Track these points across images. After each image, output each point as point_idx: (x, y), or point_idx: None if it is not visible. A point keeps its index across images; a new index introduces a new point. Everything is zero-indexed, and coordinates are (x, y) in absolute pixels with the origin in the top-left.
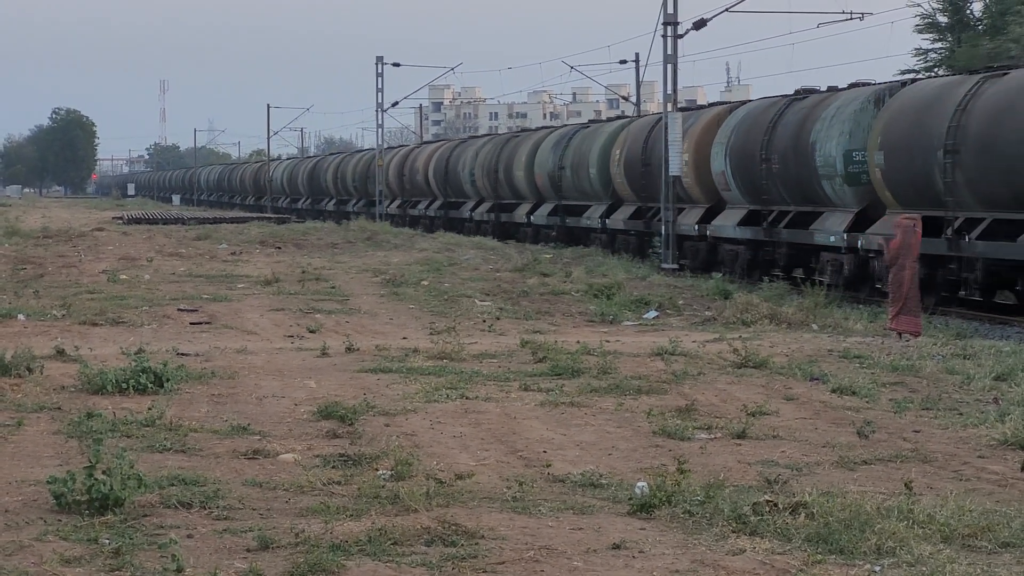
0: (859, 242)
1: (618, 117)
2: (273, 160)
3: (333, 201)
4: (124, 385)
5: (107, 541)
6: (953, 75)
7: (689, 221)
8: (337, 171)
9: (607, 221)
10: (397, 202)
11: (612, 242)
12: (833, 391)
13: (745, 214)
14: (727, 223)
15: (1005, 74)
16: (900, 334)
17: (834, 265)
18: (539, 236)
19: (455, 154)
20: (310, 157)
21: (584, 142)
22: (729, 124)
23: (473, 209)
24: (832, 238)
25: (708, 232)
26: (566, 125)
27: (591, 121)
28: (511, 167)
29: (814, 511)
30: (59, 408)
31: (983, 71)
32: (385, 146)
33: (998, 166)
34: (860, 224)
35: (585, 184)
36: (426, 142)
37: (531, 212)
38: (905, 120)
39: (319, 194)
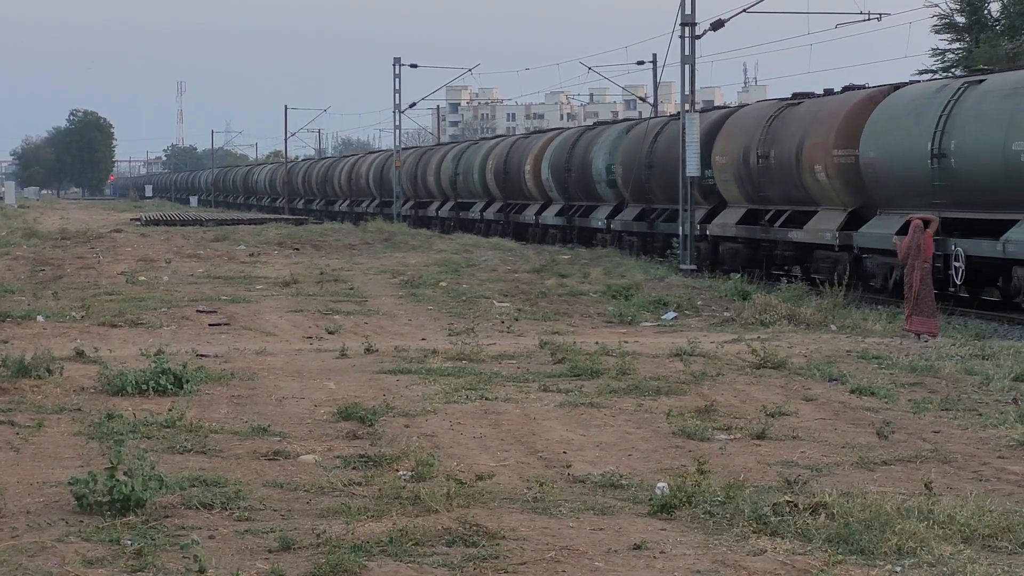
0: (612, 225)
1: (494, 136)
2: (259, 165)
3: (303, 200)
4: (144, 386)
5: (129, 542)
6: (661, 117)
7: (530, 214)
8: (306, 175)
9: (484, 214)
10: (372, 202)
11: (488, 229)
12: (852, 392)
13: (560, 208)
14: (549, 215)
15: (677, 118)
16: (918, 335)
17: (602, 241)
18: (444, 226)
19: (388, 162)
20: (290, 161)
21: (472, 154)
22: (552, 145)
23: (402, 206)
24: (600, 223)
25: (539, 221)
26: (465, 142)
27: (481, 138)
28: (425, 173)
29: (834, 512)
30: (79, 409)
31: (671, 117)
32: (404, 147)
33: (669, 176)
34: (614, 214)
35: (471, 186)
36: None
37: (439, 208)
38: (632, 145)
39: (293, 195)
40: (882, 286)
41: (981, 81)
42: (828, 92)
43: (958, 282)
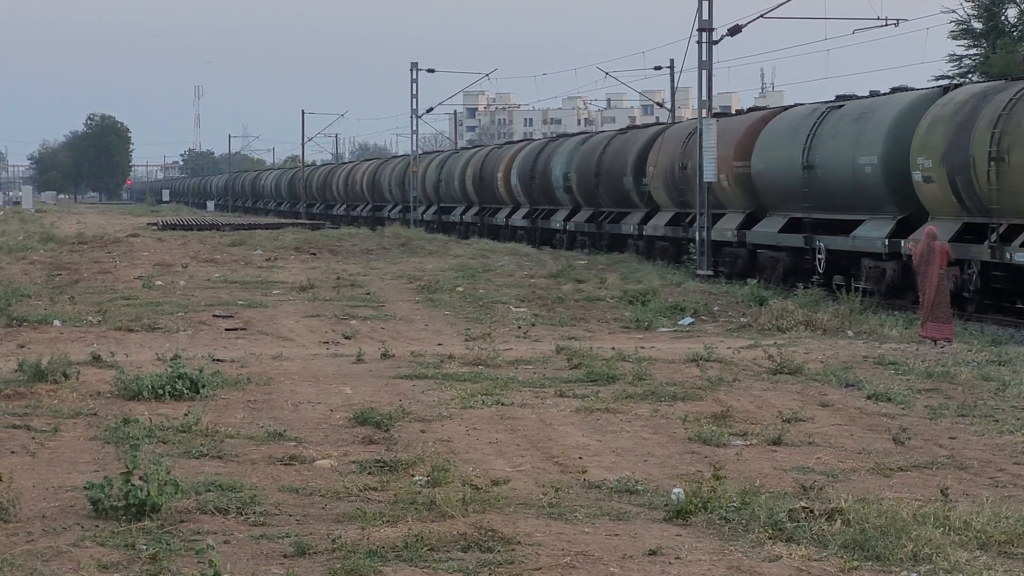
0: (568, 226)
1: (475, 146)
2: (266, 170)
3: (305, 204)
4: (160, 391)
5: (144, 547)
6: (610, 131)
7: (501, 216)
8: (307, 181)
9: (464, 217)
10: (371, 207)
11: (467, 231)
12: (868, 397)
13: (526, 211)
14: (517, 217)
15: (626, 132)
16: (935, 341)
17: (560, 241)
18: (428, 228)
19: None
20: (291, 168)
21: (453, 163)
22: (520, 155)
23: (390, 210)
24: (558, 224)
25: (509, 223)
26: (446, 151)
27: (461, 148)
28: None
29: (850, 518)
30: (95, 414)
31: (618, 132)
32: (422, 151)
33: (613, 183)
34: (570, 216)
35: (452, 192)
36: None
37: (424, 212)
38: (585, 156)
39: (298, 200)
40: (770, 276)
41: (841, 106)
42: (739, 112)
43: (820, 271)
